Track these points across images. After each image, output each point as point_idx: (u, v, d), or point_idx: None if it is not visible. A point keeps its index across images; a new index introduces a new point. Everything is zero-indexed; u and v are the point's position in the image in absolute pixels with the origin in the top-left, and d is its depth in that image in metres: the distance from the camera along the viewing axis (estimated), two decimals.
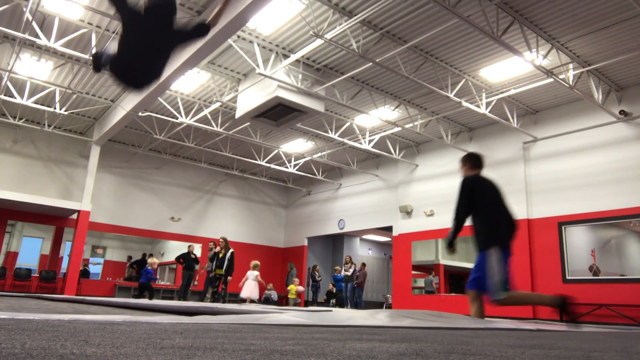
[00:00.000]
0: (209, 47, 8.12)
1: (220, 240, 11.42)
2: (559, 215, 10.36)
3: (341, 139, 12.50)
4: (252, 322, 2.80)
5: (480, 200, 4.23)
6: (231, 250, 11.38)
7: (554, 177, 10.65)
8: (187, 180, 16.76)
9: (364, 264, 14.89)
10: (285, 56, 9.25)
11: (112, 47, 3.02)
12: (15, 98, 10.90)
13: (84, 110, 12.47)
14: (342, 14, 7.94)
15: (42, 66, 10.24)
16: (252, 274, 11.50)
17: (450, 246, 4.29)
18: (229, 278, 11.17)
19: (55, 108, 11.64)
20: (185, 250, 13.14)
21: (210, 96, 11.40)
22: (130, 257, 17.64)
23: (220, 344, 1.48)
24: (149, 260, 12.02)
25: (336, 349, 1.50)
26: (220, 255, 11.14)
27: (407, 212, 13.64)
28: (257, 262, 11.92)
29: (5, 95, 10.95)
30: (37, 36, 8.24)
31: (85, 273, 16.08)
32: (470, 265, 4.32)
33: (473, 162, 4.49)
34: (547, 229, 10.50)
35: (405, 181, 14.05)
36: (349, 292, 14.06)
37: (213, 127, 12.21)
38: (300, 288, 15.04)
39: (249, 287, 11.36)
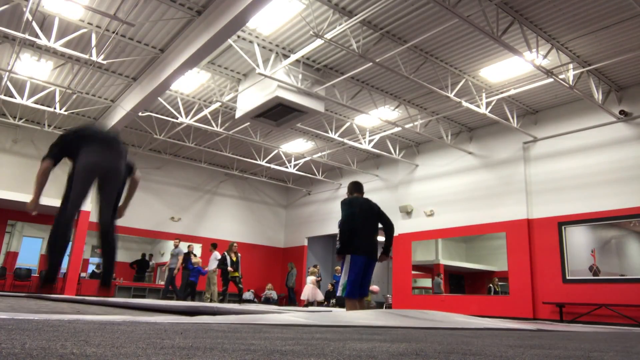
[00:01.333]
0: (209, 47, 8.12)
1: (235, 245, 12.14)
2: (559, 215, 10.36)
3: (341, 139, 12.49)
4: (252, 322, 2.80)
5: (350, 216, 5.26)
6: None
7: (554, 177, 10.64)
8: (187, 180, 16.75)
9: None
10: (285, 56, 9.24)
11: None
12: (15, 98, 10.89)
13: (84, 110, 12.46)
14: (342, 14, 7.93)
15: (42, 66, 10.23)
16: (310, 279, 12.76)
17: (339, 253, 5.25)
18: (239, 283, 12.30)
19: (55, 108, 11.63)
20: (185, 251, 13.17)
21: (210, 96, 11.40)
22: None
23: (220, 344, 1.48)
24: (194, 260, 12.37)
25: (336, 349, 1.50)
26: (235, 259, 11.75)
27: (407, 212, 13.65)
28: (315, 270, 13.79)
29: (5, 95, 10.94)
30: (37, 36, 8.22)
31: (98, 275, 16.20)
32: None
33: (349, 189, 5.64)
34: (547, 229, 10.50)
35: (406, 181, 14.04)
36: None
37: (213, 127, 12.20)
38: (376, 287, 13.54)
39: (308, 289, 12.67)
